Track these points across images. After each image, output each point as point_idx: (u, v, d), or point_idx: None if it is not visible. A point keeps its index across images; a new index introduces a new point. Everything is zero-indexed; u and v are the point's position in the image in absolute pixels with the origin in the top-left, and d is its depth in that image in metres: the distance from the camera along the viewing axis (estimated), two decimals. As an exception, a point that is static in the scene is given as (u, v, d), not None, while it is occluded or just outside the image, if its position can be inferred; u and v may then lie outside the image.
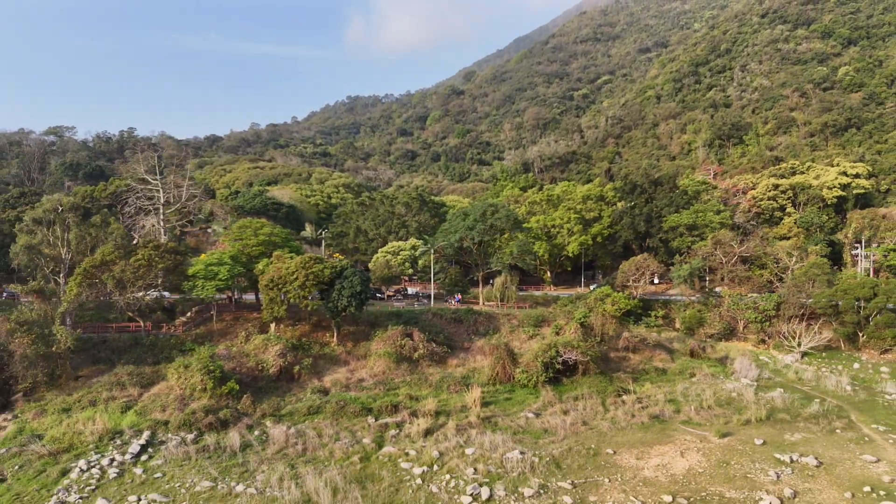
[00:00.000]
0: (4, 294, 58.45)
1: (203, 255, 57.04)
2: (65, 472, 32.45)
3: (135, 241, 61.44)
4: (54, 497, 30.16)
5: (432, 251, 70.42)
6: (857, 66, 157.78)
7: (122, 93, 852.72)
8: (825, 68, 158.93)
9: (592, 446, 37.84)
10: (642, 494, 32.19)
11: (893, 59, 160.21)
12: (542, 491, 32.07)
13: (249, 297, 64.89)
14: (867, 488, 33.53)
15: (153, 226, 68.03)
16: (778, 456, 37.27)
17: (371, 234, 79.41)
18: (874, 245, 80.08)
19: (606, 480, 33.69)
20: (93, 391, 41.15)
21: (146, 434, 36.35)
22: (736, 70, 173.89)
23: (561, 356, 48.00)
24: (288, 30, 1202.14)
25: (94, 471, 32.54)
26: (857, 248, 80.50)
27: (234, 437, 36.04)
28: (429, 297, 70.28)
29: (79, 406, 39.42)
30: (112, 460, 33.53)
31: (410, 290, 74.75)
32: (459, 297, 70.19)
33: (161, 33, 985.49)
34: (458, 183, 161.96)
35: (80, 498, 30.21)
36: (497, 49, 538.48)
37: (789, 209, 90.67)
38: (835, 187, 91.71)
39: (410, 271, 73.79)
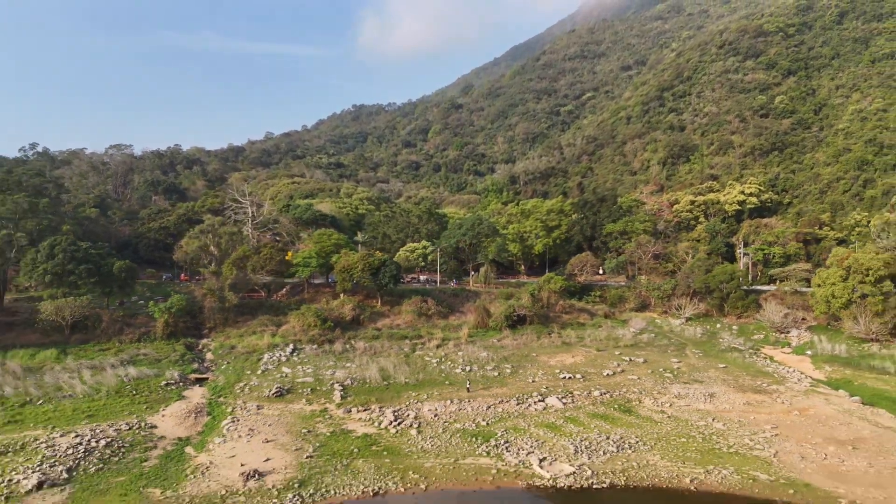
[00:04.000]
0: (164, 277, 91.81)
1: (290, 253, 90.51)
2: (258, 359, 66.12)
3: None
4: (260, 368, 63.77)
5: (438, 250, 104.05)
6: (791, 94, 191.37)
7: (131, 96, 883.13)
8: (764, 97, 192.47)
9: (526, 353, 71.70)
10: (545, 370, 65.91)
11: (824, 88, 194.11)
12: (496, 368, 65.79)
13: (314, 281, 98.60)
14: (661, 369, 67.23)
15: (247, 233, 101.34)
16: (624, 358, 71.09)
17: (394, 237, 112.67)
18: (752, 246, 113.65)
19: (529, 365, 67.44)
20: (250, 328, 74.71)
21: (291, 346, 70.03)
22: (693, 96, 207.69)
23: (516, 312, 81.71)
24: (297, 32, 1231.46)
25: (272, 358, 66.25)
26: (741, 248, 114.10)
27: (337, 346, 69.84)
28: (435, 281, 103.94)
29: (246, 333, 72.98)
30: (280, 354, 67.29)
31: (422, 278, 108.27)
32: (456, 281, 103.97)
33: (161, 33, 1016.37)
34: (457, 193, 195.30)
35: (273, 367, 63.89)
36: (494, 57, 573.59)
37: (701, 219, 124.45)
38: (734, 203, 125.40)
39: (423, 264, 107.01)
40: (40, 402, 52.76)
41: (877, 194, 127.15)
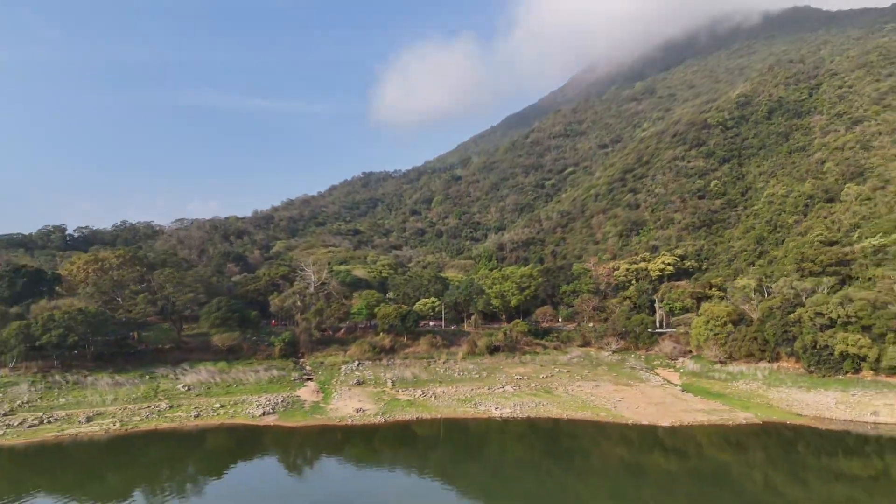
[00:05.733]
0: (262, 322, 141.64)
1: (345, 308, 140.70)
2: (339, 368, 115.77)
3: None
4: (342, 373, 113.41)
5: (443, 304, 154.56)
6: (724, 179, 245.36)
7: (133, 152, 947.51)
8: (703, 181, 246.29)
9: (497, 367, 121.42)
10: (507, 375, 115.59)
11: (751, 174, 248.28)
12: (478, 373, 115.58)
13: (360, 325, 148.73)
14: (577, 375, 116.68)
15: (312, 293, 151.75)
16: (556, 370, 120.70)
17: (411, 294, 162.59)
18: (664, 301, 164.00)
19: (498, 373, 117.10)
20: (328, 352, 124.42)
21: (356, 361, 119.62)
22: (648, 178, 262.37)
23: (494, 344, 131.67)
24: (299, 91, 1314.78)
25: (347, 368, 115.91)
26: (658, 302, 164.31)
27: (384, 362, 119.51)
28: (441, 324, 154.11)
29: (327, 355, 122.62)
30: (351, 366, 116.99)
31: (431, 323, 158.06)
32: (455, 325, 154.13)
33: (156, 91, 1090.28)
34: (456, 257, 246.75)
35: (349, 372, 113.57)
36: (491, 126, 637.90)
37: (633, 281, 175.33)
38: (656, 270, 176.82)
39: (432, 313, 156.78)
40: (235, 385, 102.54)
41: (764, 263, 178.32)
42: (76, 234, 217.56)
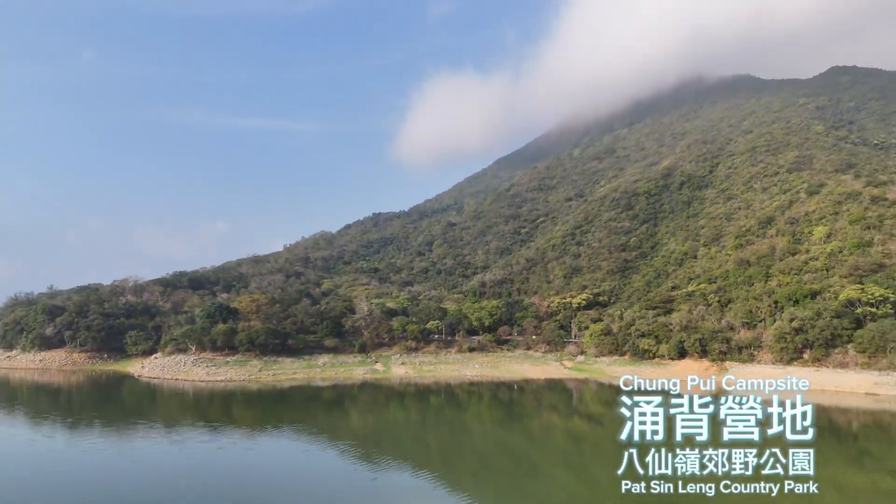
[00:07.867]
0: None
1: (388, 326, 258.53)
2: (391, 357, 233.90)
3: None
4: (392, 359, 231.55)
5: (443, 324, 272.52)
6: (641, 236, 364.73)
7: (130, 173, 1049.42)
8: (626, 238, 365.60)
9: (473, 359, 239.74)
10: (478, 360, 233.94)
11: (661, 232, 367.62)
12: (461, 360, 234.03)
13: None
14: (514, 362, 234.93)
15: (368, 317, 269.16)
16: (505, 359, 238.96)
17: (423, 318, 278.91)
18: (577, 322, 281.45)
19: (473, 360, 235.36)
20: (382, 349, 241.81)
21: (399, 354, 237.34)
22: (589, 234, 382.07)
23: (472, 347, 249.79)
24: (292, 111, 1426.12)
25: (395, 357, 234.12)
26: (575, 323, 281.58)
27: (413, 355, 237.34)
28: (442, 336, 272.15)
29: (382, 351, 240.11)
30: (397, 356, 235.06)
31: (436, 335, 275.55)
32: (450, 336, 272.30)
33: (142, 109, 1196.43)
34: (452, 291, 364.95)
35: (397, 359, 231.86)
36: (483, 168, 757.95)
37: (562, 310, 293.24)
38: (575, 303, 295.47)
39: (436, 329, 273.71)
40: (343, 364, 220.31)
41: (645, 300, 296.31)
42: (191, 276, 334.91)
